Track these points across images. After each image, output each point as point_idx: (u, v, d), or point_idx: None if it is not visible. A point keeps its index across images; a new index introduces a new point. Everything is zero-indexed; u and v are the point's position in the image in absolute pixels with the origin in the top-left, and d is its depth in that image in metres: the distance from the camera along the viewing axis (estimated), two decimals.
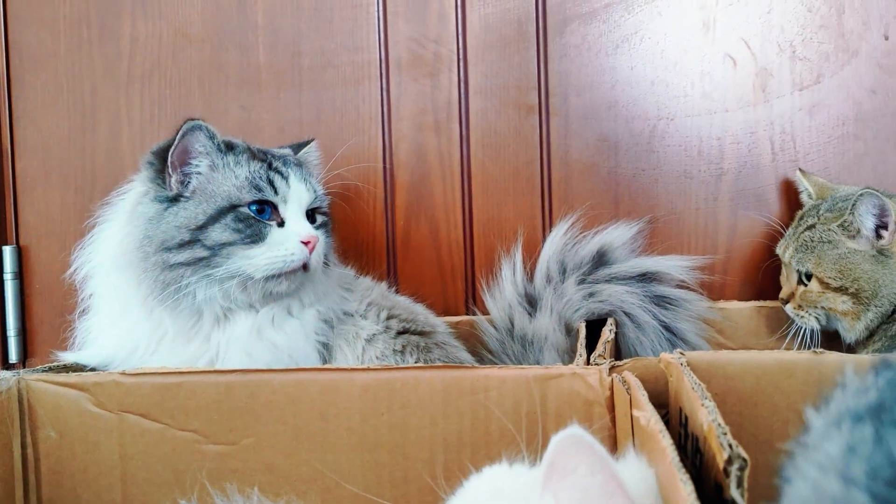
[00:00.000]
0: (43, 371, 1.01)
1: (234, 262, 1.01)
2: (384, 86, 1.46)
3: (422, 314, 1.21)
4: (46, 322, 1.52)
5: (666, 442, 0.61)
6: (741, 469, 0.56)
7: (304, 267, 1.04)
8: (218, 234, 1.02)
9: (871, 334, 1.19)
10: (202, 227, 1.02)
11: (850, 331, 1.20)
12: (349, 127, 1.47)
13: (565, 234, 1.34)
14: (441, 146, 1.46)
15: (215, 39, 1.49)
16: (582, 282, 1.26)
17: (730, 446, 0.58)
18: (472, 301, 1.45)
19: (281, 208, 1.06)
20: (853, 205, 1.15)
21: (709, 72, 1.40)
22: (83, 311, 1.13)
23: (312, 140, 1.22)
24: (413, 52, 1.45)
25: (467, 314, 1.42)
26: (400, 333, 1.12)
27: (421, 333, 1.15)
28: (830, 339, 1.24)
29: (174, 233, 1.02)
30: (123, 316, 1.07)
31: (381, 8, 1.45)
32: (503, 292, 1.32)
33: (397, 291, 1.34)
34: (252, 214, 1.03)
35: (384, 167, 1.47)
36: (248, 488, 0.90)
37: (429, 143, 1.46)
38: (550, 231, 1.39)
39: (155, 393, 0.93)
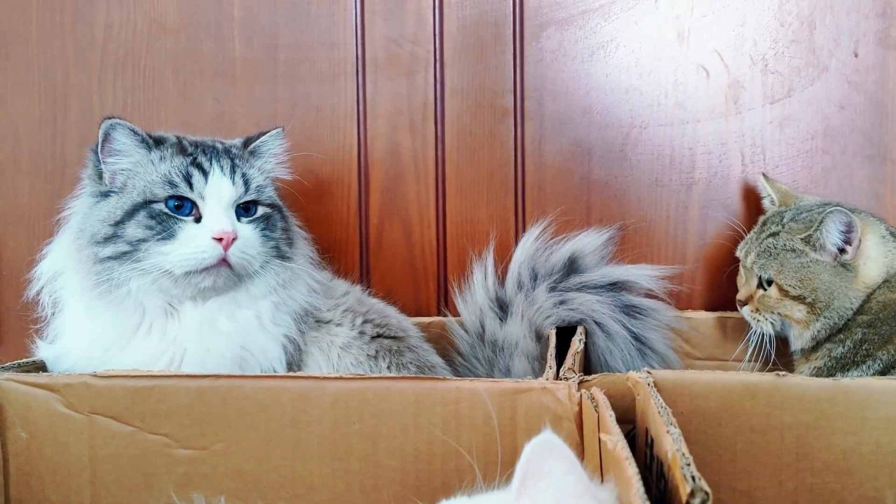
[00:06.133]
0: (13, 370, 1.00)
1: (153, 257, 1.01)
2: (360, 83, 1.46)
3: (395, 318, 1.21)
4: (14, 310, 1.51)
5: (632, 471, 0.63)
6: (703, 503, 0.58)
7: (227, 263, 1.03)
8: (133, 229, 1.02)
9: (816, 346, 1.20)
10: (120, 223, 1.03)
11: (799, 339, 1.21)
12: (324, 123, 1.47)
13: (537, 239, 1.35)
14: (416, 146, 1.46)
15: (191, 30, 1.48)
16: (553, 289, 1.28)
17: (693, 479, 0.60)
18: (443, 303, 1.46)
19: (199, 204, 1.05)
20: (821, 222, 1.15)
21: (682, 82, 1.41)
22: (52, 305, 1.12)
23: (276, 128, 1.17)
24: (390, 51, 1.45)
25: (439, 315, 1.43)
26: (373, 338, 1.13)
27: (394, 338, 1.16)
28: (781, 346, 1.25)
29: (99, 227, 1.03)
30: (77, 311, 1.08)
31: (358, 5, 1.45)
32: (474, 296, 1.33)
33: (370, 291, 1.34)
34: (167, 210, 1.03)
35: (359, 166, 1.47)
36: (218, 494, 0.90)
37: (404, 143, 1.46)
38: (523, 234, 1.40)
39: (126, 395, 0.93)
